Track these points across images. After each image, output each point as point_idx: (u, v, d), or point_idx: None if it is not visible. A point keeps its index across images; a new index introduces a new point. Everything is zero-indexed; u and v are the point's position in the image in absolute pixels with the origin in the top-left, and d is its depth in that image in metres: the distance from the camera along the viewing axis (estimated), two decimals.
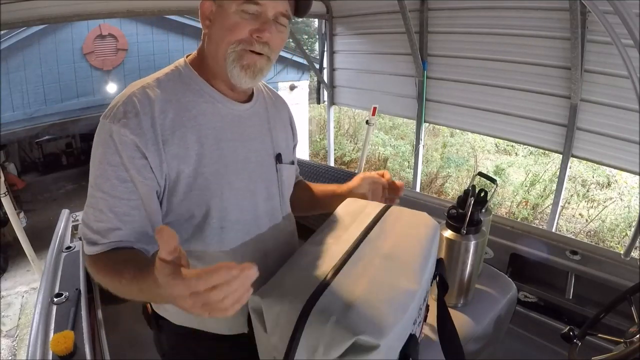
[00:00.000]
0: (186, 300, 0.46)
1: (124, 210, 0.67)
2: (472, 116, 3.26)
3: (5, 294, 4.10)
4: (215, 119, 0.74)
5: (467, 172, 7.14)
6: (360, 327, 0.54)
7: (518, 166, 6.99)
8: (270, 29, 0.69)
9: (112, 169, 0.65)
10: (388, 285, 0.63)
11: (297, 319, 0.57)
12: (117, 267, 0.63)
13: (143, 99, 0.68)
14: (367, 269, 0.66)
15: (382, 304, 0.59)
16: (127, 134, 0.65)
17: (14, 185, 5.81)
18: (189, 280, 0.45)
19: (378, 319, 0.57)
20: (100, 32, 5.71)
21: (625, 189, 5.72)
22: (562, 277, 1.49)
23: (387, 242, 0.74)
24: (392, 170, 7.67)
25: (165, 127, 0.68)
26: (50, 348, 0.97)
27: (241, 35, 0.68)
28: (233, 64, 0.70)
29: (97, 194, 0.66)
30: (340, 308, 0.57)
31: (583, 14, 2.34)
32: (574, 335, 0.96)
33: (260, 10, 0.68)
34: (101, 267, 0.66)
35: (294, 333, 0.56)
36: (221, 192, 0.73)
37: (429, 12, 3.27)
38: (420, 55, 3.36)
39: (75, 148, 8.10)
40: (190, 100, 0.72)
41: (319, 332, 0.55)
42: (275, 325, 0.60)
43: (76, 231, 1.74)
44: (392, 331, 0.56)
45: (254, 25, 0.68)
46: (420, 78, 3.44)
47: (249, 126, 0.79)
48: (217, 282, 0.44)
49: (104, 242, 0.66)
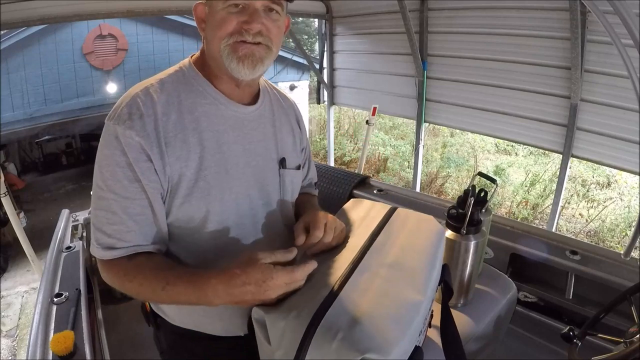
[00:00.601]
0: (277, 290, 0.60)
1: (137, 211, 0.67)
2: (472, 116, 3.27)
3: (5, 294, 4.10)
4: (217, 121, 0.73)
5: (467, 172, 7.13)
6: (366, 344, 0.54)
7: (518, 166, 6.99)
8: (259, 20, 0.68)
9: (121, 170, 0.66)
10: (394, 298, 0.62)
11: (303, 336, 0.55)
12: (154, 275, 0.65)
13: (147, 100, 0.68)
14: (373, 281, 0.65)
15: (389, 318, 0.58)
16: (133, 136, 0.65)
17: (14, 185, 5.80)
18: (291, 272, 0.61)
19: (384, 335, 0.56)
20: (100, 32, 5.72)
21: (625, 189, 5.72)
22: (562, 277, 1.49)
23: (393, 250, 0.73)
24: (392, 170, 7.67)
25: (168, 130, 0.68)
26: (50, 348, 0.97)
27: (230, 29, 0.68)
28: (229, 57, 0.69)
29: (109, 195, 0.66)
30: (346, 324, 0.56)
31: (583, 14, 2.35)
32: (574, 335, 0.96)
33: (247, 3, 0.68)
34: (124, 274, 0.67)
35: (300, 350, 0.55)
36: (221, 197, 0.73)
37: (429, 12, 3.27)
38: (420, 55, 3.36)
39: (75, 148, 8.09)
40: (192, 102, 0.72)
41: (325, 349, 0.54)
42: (280, 340, 0.58)
43: (76, 231, 1.74)
44: (398, 346, 0.55)
45: (243, 17, 0.68)
46: (420, 78, 3.45)
47: (253, 129, 0.78)
48: (303, 277, 0.63)
49: (122, 246, 0.67)
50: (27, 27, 4.80)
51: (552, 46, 2.60)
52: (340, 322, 0.57)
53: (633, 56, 1.28)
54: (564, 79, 2.61)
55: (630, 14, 1.17)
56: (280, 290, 0.60)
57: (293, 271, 0.61)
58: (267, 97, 0.85)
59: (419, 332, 0.67)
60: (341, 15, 4.06)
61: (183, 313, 0.80)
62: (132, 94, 0.68)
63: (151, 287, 0.64)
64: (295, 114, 0.92)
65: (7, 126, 5.22)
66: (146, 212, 0.68)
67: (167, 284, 0.63)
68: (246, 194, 0.76)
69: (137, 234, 0.67)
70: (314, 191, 1.02)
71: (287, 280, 0.60)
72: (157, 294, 0.64)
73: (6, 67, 5.07)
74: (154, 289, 0.64)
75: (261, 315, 0.61)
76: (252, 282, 0.59)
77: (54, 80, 5.54)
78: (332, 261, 0.70)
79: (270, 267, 0.60)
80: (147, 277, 0.65)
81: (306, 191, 0.99)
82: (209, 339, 0.80)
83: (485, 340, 1.00)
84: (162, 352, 0.89)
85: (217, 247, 0.74)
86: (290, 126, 0.89)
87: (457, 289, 1.01)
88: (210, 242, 0.74)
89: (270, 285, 0.59)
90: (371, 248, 0.73)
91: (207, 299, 0.61)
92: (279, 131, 0.84)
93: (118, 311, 1.67)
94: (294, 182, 0.87)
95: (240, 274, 0.59)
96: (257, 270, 0.59)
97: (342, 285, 0.63)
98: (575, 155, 2.73)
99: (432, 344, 0.86)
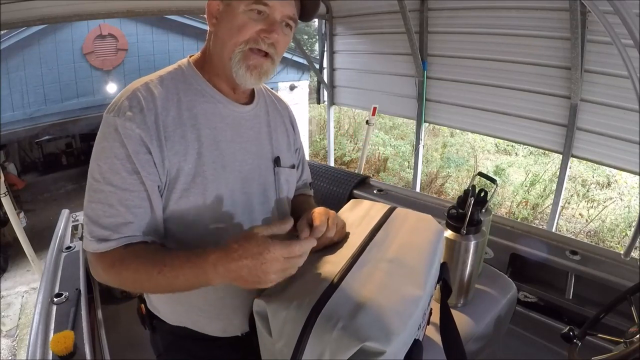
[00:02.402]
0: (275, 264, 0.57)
1: (135, 203, 0.66)
2: (472, 116, 3.27)
3: (5, 294, 4.10)
4: (215, 119, 0.74)
5: (467, 172, 7.13)
6: (367, 333, 0.54)
7: (518, 166, 6.99)
8: (277, 30, 0.69)
9: (119, 162, 0.65)
10: (394, 291, 0.63)
11: (304, 325, 0.56)
12: (151, 258, 0.64)
13: (147, 95, 0.68)
14: (373, 274, 0.66)
15: (389, 309, 0.59)
16: (133, 128, 0.65)
17: (14, 185, 5.81)
18: (289, 246, 0.58)
19: (384, 325, 0.56)
20: (100, 32, 5.71)
21: (625, 189, 5.72)
22: (562, 277, 1.49)
23: (393, 247, 0.74)
24: (392, 170, 7.67)
25: (167, 124, 0.68)
26: (50, 348, 0.97)
27: (248, 35, 0.69)
28: (239, 64, 0.70)
29: (106, 188, 0.65)
30: (346, 314, 0.57)
31: (583, 14, 2.35)
32: (574, 335, 0.96)
33: (268, 12, 0.68)
34: (120, 262, 0.65)
35: (300, 339, 0.56)
36: (218, 192, 0.73)
37: (429, 12, 3.27)
38: (420, 55, 3.36)
39: (75, 148, 8.09)
40: (191, 99, 0.72)
41: (325, 338, 0.55)
42: (281, 330, 0.59)
43: (76, 231, 1.74)
44: (398, 337, 0.56)
45: (262, 25, 0.69)
46: (420, 78, 3.45)
47: (249, 128, 0.79)
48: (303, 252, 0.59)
49: (115, 237, 0.65)
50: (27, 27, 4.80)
51: (552, 46, 2.60)
52: (341, 312, 0.57)
53: (633, 56, 1.28)
54: (564, 79, 2.61)
55: (630, 14, 1.17)
56: (277, 264, 0.57)
57: (290, 244, 0.58)
58: (262, 98, 0.86)
59: (418, 325, 0.68)
60: (341, 15, 4.06)
61: (179, 312, 0.80)
62: (132, 89, 0.68)
63: (147, 273, 0.63)
64: (289, 115, 0.94)
65: (7, 126, 5.21)
66: (144, 204, 0.67)
67: (165, 265, 0.62)
68: (242, 191, 0.77)
69: (134, 226, 0.67)
70: (309, 191, 1.04)
71: (285, 254, 0.58)
72: (153, 279, 0.62)
73: (6, 67, 5.06)
74: (149, 274, 0.62)
75: (263, 307, 0.62)
76: (249, 256, 0.57)
77: (54, 80, 5.54)
78: (333, 255, 0.71)
79: (267, 240, 0.58)
80: (143, 263, 0.64)
81: (302, 192, 1.01)
82: (207, 340, 0.80)
83: (485, 340, 1.00)
84: (159, 355, 0.89)
85: (212, 243, 0.74)
86: (284, 127, 0.90)
87: (457, 288, 1.01)
88: (205, 238, 0.74)
89: (267, 258, 0.57)
90: (371, 244, 0.74)
91: (206, 276, 0.60)
92: (274, 131, 0.85)
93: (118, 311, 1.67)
94: (289, 181, 0.88)
95: (237, 247, 0.58)
96: (253, 243, 0.58)
97: (342, 277, 0.64)
98: (575, 155, 2.73)
99: (433, 343, 0.87)
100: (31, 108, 5.44)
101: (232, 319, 0.78)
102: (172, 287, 0.63)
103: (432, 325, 0.89)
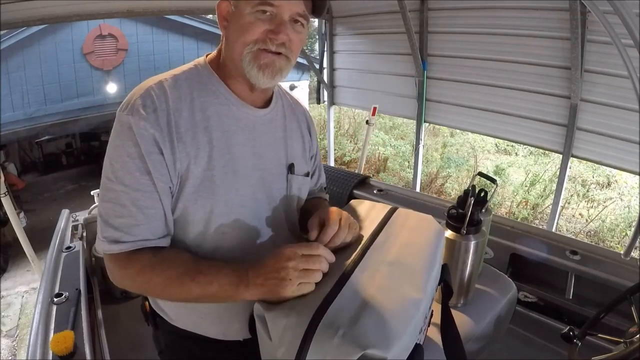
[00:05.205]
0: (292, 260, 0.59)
1: (147, 204, 0.66)
2: (472, 116, 3.27)
3: (5, 294, 4.10)
4: (229, 122, 0.73)
5: (467, 172, 7.13)
6: (367, 340, 0.54)
7: (518, 166, 6.98)
8: (285, 31, 0.68)
9: (132, 162, 0.65)
10: (395, 295, 0.63)
11: (304, 334, 0.56)
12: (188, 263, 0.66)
13: (160, 94, 0.67)
14: (373, 278, 0.65)
15: (389, 315, 0.59)
16: (147, 128, 0.64)
17: (14, 185, 5.81)
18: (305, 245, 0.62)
19: (385, 331, 0.56)
20: (100, 32, 5.72)
21: (625, 189, 5.71)
22: (562, 277, 1.49)
23: (393, 248, 0.73)
24: (392, 170, 7.67)
25: (179, 125, 0.67)
26: (50, 348, 0.97)
27: (256, 36, 0.68)
28: (250, 64, 0.69)
29: (118, 187, 0.65)
30: (347, 321, 0.57)
31: (583, 14, 2.35)
32: (574, 335, 0.96)
33: (275, 12, 0.67)
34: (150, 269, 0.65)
35: (301, 348, 0.55)
36: (227, 197, 0.72)
37: (429, 12, 3.28)
38: (420, 55, 3.36)
39: (75, 148, 8.09)
40: (204, 100, 0.72)
41: (326, 346, 0.54)
42: (281, 338, 0.59)
43: (76, 231, 1.74)
44: (398, 342, 0.56)
45: (270, 26, 0.68)
46: (420, 78, 3.45)
47: (263, 133, 0.78)
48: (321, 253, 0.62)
49: (128, 240, 0.65)
50: (27, 27, 4.80)
51: (552, 46, 2.60)
52: (342, 319, 0.57)
53: (633, 56, 1.28)
54: (564, 79, 2.61)
55: (630, 14, 1.17)
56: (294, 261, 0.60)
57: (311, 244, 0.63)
58: (279, 102, 0.84)
59: (419, 329, 0.67)
60: (341, 15, 4.06)
61: (183, 313, 0.80)
62: (146, 87, 0.68)
63: (180, 280, 0.63)
64: (306, 121, 0.92)
65: (7, 126, 5.22)
66: (156, 205, 0.67)
67: (200, 273, 0.63)
68: (252, 197, 0.76)
69: (145, 227, 0.66)
70: (324, 195, 1.02)
71: (305, 251, 0.61)
72: (184, 286, 0.63)
73: (6, 67, 5.07)
74: (182, 282, 0.63)
75: (262, 313, 0.61)
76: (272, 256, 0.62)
77: (54, 80, 5.55)
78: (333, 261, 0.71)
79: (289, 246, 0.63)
80: (177, 270, 0.64)
81: (317, 195, 0.99)
82: (208, 341, 0.80)
83: (485, 340, 1.00)
84: (161, 352, 0.89)
85: (219, 249, 0.74)
86: (300, 133, 0.88)
87: (457, 289, 1.01)
88: (213, 243, 0.73)
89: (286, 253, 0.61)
90: (372, 247, 0.73)
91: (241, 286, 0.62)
92: (289, 137, 0.84)
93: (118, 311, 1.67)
94: (301, 190, 0.86)
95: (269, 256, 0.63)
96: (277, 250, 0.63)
97: (342, 283, 0.64)
98: (575, 155, 2.74)
99: (433, 344, 0.87)
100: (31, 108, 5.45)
101: (232, 323, 0.77)
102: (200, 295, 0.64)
103: (433, 325, 0.89)
